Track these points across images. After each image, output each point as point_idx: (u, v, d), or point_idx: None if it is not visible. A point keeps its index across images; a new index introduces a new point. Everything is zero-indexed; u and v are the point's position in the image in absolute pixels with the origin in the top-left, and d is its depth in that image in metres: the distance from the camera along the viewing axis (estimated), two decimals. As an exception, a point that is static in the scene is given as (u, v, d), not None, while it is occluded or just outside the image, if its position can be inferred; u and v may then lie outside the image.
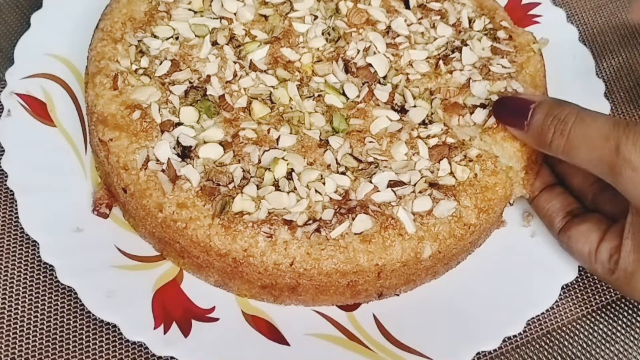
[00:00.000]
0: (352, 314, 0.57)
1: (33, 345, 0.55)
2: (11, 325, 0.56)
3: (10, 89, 0.62)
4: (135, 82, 0.59)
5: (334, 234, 0.53)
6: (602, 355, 0.59)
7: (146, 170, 0.55)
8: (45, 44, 0.65)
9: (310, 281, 0.54)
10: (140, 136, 0.56)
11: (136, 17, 0.62)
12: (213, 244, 0.53)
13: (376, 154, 0.57)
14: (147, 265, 0.57)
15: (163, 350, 0.53)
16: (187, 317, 0.55)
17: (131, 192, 0.55)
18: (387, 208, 0.55)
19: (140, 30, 0.62)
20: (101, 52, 0.60)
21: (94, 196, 0.59)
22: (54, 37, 0.66)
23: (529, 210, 0.62)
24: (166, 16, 0.63)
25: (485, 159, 0.58)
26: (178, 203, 0.54)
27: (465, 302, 0.58)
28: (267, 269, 0.54)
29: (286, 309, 0.57)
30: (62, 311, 0.57)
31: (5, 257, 0.59)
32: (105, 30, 0.62)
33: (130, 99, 0.58)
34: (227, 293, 0.57)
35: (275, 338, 0.55)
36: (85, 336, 0.56)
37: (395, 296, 0.58)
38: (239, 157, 0.56)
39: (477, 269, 0.60)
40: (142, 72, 0.60)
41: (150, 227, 0.56)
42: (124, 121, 0.57)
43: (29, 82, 0.63)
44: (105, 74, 0.59)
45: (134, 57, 0.60)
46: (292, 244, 0.53)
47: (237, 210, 0.54)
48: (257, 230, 0.53)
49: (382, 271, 0.54)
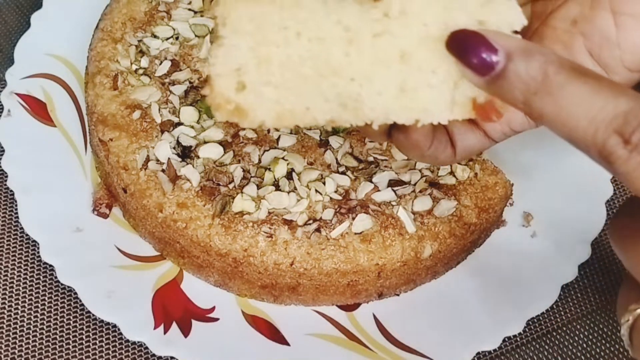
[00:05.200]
0: (352, 313, 0.57)
1: (33, 345, 0.55)
2: (11, 325, 0.56)
3: (10, 89, 0.62)
4: (135, 82, 0.59)
5: (334, 234, 0.53)
6: (603, 356, 0.59)
7: (146, 170, 0.55)
8: (45, 44, 0.65)
9: (311, 281, 0.54)
10: (140, 136, 0.56)
11: (136, 17, 0.62)
12: (213, 243, 0.53)
13: (376, 154, 0.57)
14: (147, 265, 0.57)
15: (163, 350, 0.53)
16: (187, 317, 0.55)
17: (131, 192, 0.55)
18: (388, 207, 0.55)
19: (140, 30, 0.62)
20: (101, 52, 0.60)
21: (94, 196, 0.59)
22: (54, 37, 0.66)
23: (529, 210, 0.62)
24: (166, 16, 0.63)
25: (486, 159, 0.58)
26: (178, 203, 0.54)
27: (466, 302, 0.58)
28: (267, 269, 0.54)
29: (286, 309, 0.57)
30: (62, 311, 0.57)
31: (5, 257, 0.58)
32: (106, 30, 0.62)
33: (130, 98, 0.58)
34: (227, 293, 0.57)
35: (275, 338, 0.55)
36: (85, 336, 0.56)
37: (396, 296, 0.58)
38: (239, 157, 0.56)
39: (477, 268, 0.60)
40: (142, 72, 0.60)
41: (150, 227, 0.56)
42: (124, 121, 0.57)
43: (29, 82, 0.63)
44: (105, 74, 0.59)
45: (134, 57, 0.60)
46: (292, 244, 0.53)
47: (237, 210, 0.54)
48: (257, 230, 0.53)
49: (382, 271, 0.54)
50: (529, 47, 0.35)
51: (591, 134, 0.33)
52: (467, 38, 0.36)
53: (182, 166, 0.55)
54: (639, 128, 0.32)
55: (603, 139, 0.33)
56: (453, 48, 0.36)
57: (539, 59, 0.34)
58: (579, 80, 0.34)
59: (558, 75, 0.34)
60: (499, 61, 0.35)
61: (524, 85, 0.35)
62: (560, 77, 0.34)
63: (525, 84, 0.35)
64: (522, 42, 0.36)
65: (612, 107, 0.33)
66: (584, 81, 0.34)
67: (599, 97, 0.33)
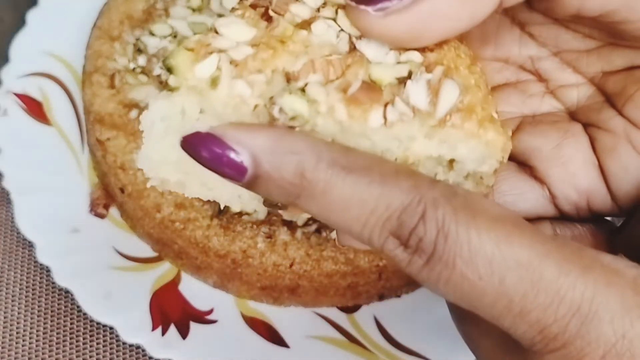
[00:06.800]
0: (353, 315, 0.57)
1: (30, 347, 0.55)
2: (7, 327, 0.55)
3: (6, 88, 0.62)
4: (132, 81, 0.59)
5: (334, 235, 0.53)
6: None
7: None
8: (41, 42, 0.65)
9: (310, 283, 0.54)
10: (138, 135, 0.56)
11: (134, 15, 0.62)
12: (212, 244, 0.53)
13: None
14: (145, 267, 0.57)
15: (161, 352, 0.52)
16: (185, 319, 0.54)
17: (129, 192, 0.55)
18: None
19: (138, 28, 0.61)
20: (98, 51, 0.60)
21: (91, 196, 0.59)
22: (50, 35, 0.65)
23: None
24: (164, 14, 0.62)
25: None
26: (176, 203, 0.54)
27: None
28: (267, 270, 0.53)
29: (286, 311, 0.57)
30: (58, 313, 0.56)
31: (1, 259, 0.58)
32: (103, 28, 0.61)
33: (127, 97, 0.58)
34: (225, 294, 0.57)
35: (275, 340, 0.55)
36: (82, 338, 0.55)
37: (397, 297, 0.58)
38: (238, 156, 0.56)
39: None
40: (140, 71, 0.59)
41: (148, 227, 0.56)
42: (121, 120, 0.57)
43: (25, 81, 0.63)
44: (103, 72, 0.59)
45: (132, 55, 0.60)
46: (292, 245, 0.53)
47: (236, 211, 0.53)
48: (257, 231, 0.53)
49: (383, 272, 0.54)
50: (279, 145, 0.29)
51: (367, 238, 0.29)
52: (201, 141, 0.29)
53: (180, 166, 0.55)
54: (416, 229, 0.28)
55: (379, 243, 0.29)
56: (189, 152, 0.30)
57: (292, 160, 0.28)
58: (343, 179, 0.28)
59: (317, 175, 0.28)
60: (246, 167, 0.29)
61: (282, 190, 0.29)
62: (320, 178, 0.28)
63: (283, 189, 0.29)
64: (271, 139, 0.29)
65: (384, 206, 0.28)
66: (349, 179, 0.28)
67: (369, 195, 0.28)
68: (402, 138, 0.30)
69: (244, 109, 0.29)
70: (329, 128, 0.30)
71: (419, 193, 0.28)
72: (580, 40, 0.35)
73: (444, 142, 0.30)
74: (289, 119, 0.29)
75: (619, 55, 0.34)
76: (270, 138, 0.29)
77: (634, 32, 0.32)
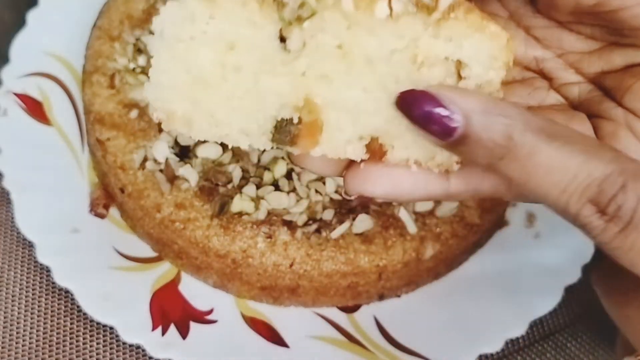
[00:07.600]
0: (353, 315, 0.57)
1: (30, 347, 0.55)
2: (7, 327, 0.55)
3: (6, 88, 0.62)
4: (132, 81, 0.59)
5: (334, 235, 0.53)
6: (607, 358, 0.58)
7: (144, 170, 0.55)
8: (41, 42, 0.65)
9: (310, 282, 0.54)
10: (138, 135, 0.56)
11: (134, 15, 0.62)
12: (212, 244, 0.53)
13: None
14: (145, 267, 0.57)
15: (161, 352, 0.52)
16: (185, 319, 0.54)
17: (129, 192, 0.55)
18: (388, 208, 0.54)
19: (138, 28, 0.61)
20: (98, 51, 0.60)
21: (91, 196, 0.59)
22: (50, 35, 0.65)
23: (533, 211, 0.61)
24: (164, 14, 0.62)
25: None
26: (176, 203, 0.54)
27: (467, 304, 0.57)
28: (267, 270, 0.53)
29: (286, 311, 0.57)
30: (58, 313, 0.56)
31: (1, 258, 0.58)
32: (103, 28, 0.61)
33: (127, 97, 0.58)
34: (225, 294, 0.57)
35: (275, 340, 0.54)
36: (82, 338, 0.55)
37: (397, 297, 0.58)
38: (238, 156, 0.56)
39: (479, 270, 0.59)
40: (140, 71, 0.59)
41: (148, 227, 0.56)
42: (121, 120, 0.57)
43: (25, 81, 0.63)
44: (103, 72, 0.59)
45: (132, 55, 0.60)
46: (292, 245, 0.53)
47: (236, 211, 0.53)
48: (257, 230, 0.53)
49: (383, 272, 0.54)
50: (490, 107, 0.31)
51: (563, 204, 0.30)
52: (415, 100, 0.31)
53: (180, 166, 0.55)
54: (616, 197, 0.29)
55: (576, 209, 0.30)
56: (403, 110, 0.32)
57: (502, 122, 0.30)
58: (548, 145, 0.30)
59: (524, 139, 0.30)
60: (457, 126, 0.31)
61: (487, 150, 0.31)
62: (527, 142, 0.30)
63: (489, 150, 0.31)
64: (482, 101, 0.31)
65: (585, 174, 0.29)
66: (554, 146, 0.30)
67: (571, 163, 0.30)
68: (408, 36, 0.31)
69: (252, 5, 0.31)
70: (336, 22, 0.31)
71: (620, 164, 0.29)
72: (583, 42, 0.36)
73: (450, 41, 0.31)
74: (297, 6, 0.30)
75: (618, 55, 0.35)
76: (482, 101, 0.31)
77: (631, 21, 0.32)
